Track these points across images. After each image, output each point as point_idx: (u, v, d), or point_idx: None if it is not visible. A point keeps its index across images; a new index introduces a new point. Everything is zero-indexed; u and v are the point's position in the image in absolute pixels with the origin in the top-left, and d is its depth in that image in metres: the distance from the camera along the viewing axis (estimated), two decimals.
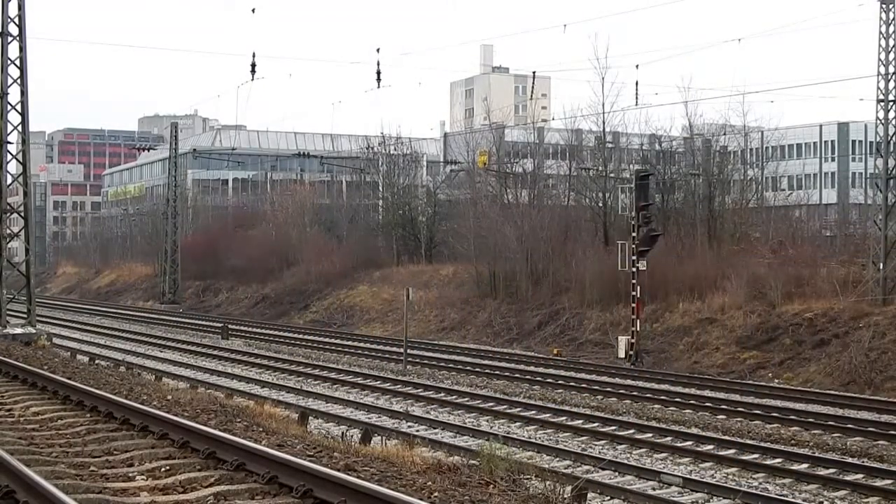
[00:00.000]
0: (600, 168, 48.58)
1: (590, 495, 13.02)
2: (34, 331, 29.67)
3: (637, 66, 70.81)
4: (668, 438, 19.04)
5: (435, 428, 20.11)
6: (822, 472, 16.12)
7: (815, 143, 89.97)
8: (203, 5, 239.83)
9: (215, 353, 36.08)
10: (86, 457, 10.26)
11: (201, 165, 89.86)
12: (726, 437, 19.20)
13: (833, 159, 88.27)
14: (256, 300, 59.80)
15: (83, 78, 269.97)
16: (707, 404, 23.57)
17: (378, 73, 37.28)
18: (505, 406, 23.18)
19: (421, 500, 8.14)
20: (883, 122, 32.55)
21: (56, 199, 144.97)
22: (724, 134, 50.96)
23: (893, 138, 32.59)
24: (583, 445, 18.44)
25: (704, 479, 15.36)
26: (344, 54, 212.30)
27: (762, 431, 20.00)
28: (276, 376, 29.36)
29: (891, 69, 32.28)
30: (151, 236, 79.80)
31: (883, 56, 32.42)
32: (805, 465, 16.65)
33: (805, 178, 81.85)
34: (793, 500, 14.33)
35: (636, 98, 55.75)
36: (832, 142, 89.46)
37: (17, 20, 29.80)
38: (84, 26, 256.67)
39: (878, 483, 15.46)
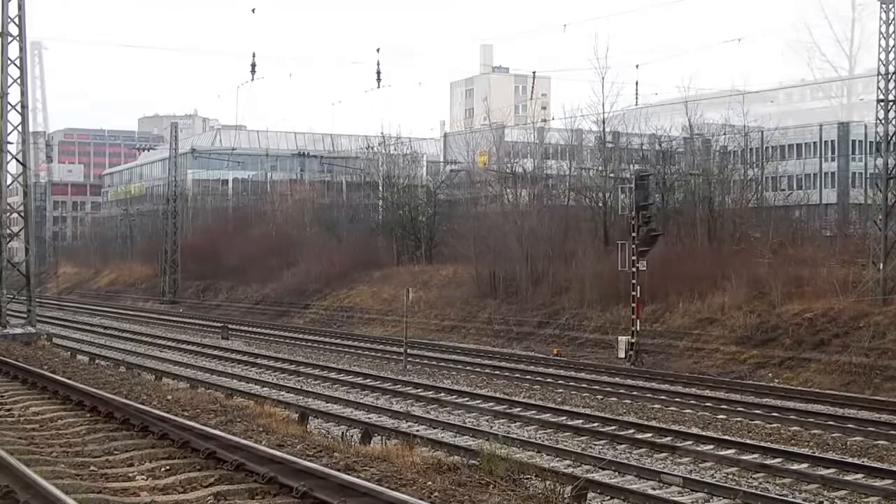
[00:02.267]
0: (600, 168, 48.60)
1: (590, 495, 13.02)
2: (34, 331, 29.70)
3: (637, 66, 71.00)
4: (668, 438, 19.03)
5: (435, 428, 20.09)
6: (822, 472, 16.10)
7: (815, 143, 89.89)
8: (203, 5, 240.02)
9: (215, 352, 36.07)
10: (86, 457, 10.26)
11: (201, 165, 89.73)
12: (726, 437, 19.19)
13: (833, 159, 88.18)
14: (256, 300, 59.81)
15: (83, 78, 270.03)
16: (707, 404, 23.55)
17: (378, 73, 37.48)
18: (505, 406, 23.15)
19: (421, 500, 8.14)
20: (883, 122, 32.54)
21: (56, 199, 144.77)
22: (724, 134, 50.95)
23: (893, 138, 32.59)
24: (583, 445, 18.41)
25: (704, 479, 15.36)
26: (344, 54, 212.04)
27: (762, 431, 20.00)
28: (276, 376, 29.34)
29: (891, 69, 32.28)
30: (151, 236, 79.82)
31: (883, 56, 32.43)
32: (805, 465, 16.63)
33: (805, 178, 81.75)
34: (793, 500, 14.33)
35: (636, 98, 55.71)
36: (832, 142, 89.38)
37: (17, 20, 29.82)
38: (84, 26, 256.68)
39: (878, 483, 15.44)
